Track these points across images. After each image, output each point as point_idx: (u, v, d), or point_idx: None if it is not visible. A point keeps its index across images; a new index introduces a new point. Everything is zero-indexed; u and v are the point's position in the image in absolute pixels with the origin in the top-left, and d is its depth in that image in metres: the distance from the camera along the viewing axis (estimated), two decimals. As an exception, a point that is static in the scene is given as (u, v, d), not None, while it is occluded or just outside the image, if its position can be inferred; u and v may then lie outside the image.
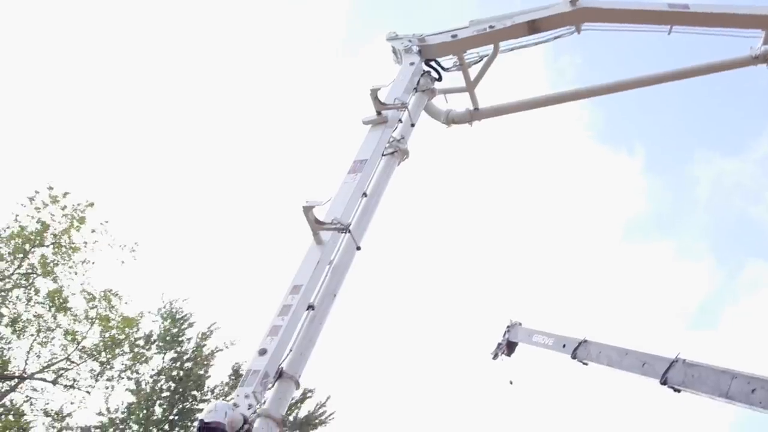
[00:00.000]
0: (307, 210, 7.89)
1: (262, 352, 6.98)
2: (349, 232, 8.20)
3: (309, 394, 27.63)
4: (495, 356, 18.15)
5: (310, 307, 7.59)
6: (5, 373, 23.57)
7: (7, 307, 24.00)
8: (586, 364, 13.99)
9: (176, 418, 26.29)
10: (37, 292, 24.17)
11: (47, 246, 24.30)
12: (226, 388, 26.86)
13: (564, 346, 14.81)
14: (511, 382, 17.78)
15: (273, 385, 6.97)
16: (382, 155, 9.39)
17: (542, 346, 16.18)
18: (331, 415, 27.95)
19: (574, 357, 14.25)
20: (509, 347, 17.87)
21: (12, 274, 23.23)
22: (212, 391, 26.71)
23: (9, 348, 23.80)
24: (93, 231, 24.52)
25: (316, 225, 7.98)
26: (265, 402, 6.82)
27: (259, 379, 6.72)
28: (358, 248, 8.34)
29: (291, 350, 7.24)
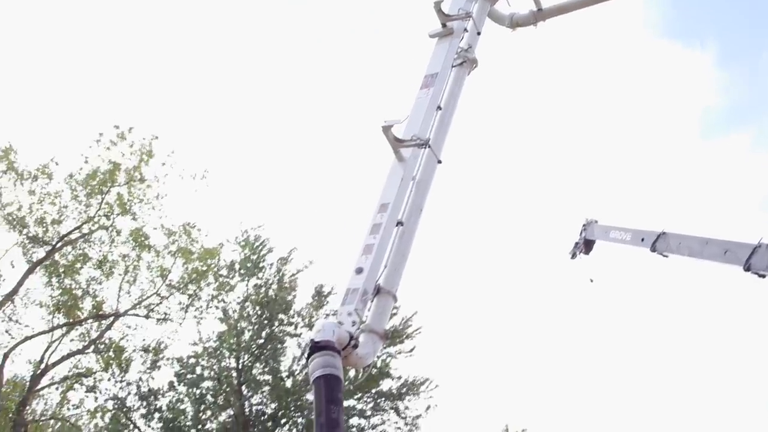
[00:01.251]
0: (386, 129, 8.10)
1: (359, 270, 7.28)
2: (429, 146, 8.39)
3: (395, 310, 28.32)
4: (573, 256, 18.33)
5: (399, 223, 7.83)
6: (100, 312, 24.88)
7: (92, 249, 25.13)
8: (666, 256, 14.05)
9: (265, 341, 27.36)
10: (118, 232, 25.13)
11: (122, 185, 25.07)
12: (311, 309, 27.72)
13: (642, 239, 14.85)
14: (591, 281, 17.97)
15: (372, 301, 7.30)
16: (452, 67, 9.45)
17: (620, 242, 16.24)
18: (417, 329, 28.74)
19: (653, 250, 14.30)
20: (587, 245, 18.00)
21: (93, 216, 24.12)
22: (298, 314, 27.60)
23: (101, 288, 25.00)
24: (162, 164, 25.09)
25: (396, 143, 8.20)
26: (367, 318, 7.18)
27: (358, 296, 7.04)
28: (439, 162, 8.53)
29: (385, 266, 7.54)
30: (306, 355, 6.30)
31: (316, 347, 6.24)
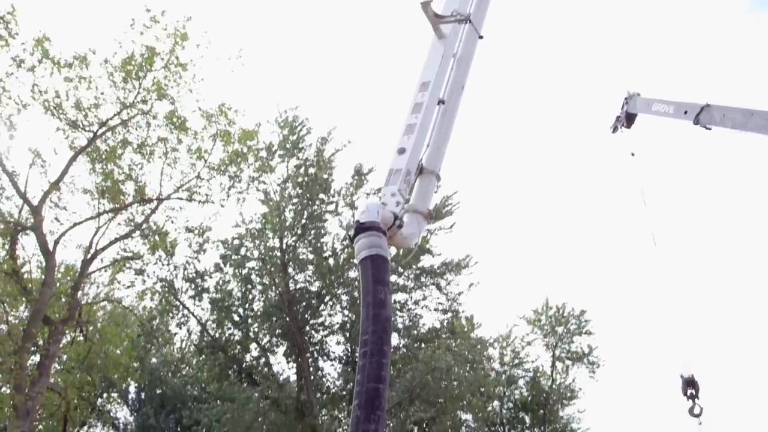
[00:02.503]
0: (425, 5, 7.96)
1: (401, 151, 7.31)
2: (470, 21, 8.23)
3: (435, 189, 28.42)
4: (614, 129, 18.07)
5: (441, 102, 7.80)
6: (144, 197, 25.35)
7: (132, 134, 25.33)
8: (709, 128, 13.80)
9: (307, 221, 27.81)
10: (155, 116, 25.15)
11: (158, 70, 24.94)
12: (351, 189, 27.97)
13: (686, 112, 14.57)
14: (632, 154, 17.78)
15: (416, 182, 7.36)
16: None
17: (662, 115, 15.94)
18: (456, 204, 28.94)
19: (696, 123, 14.05)
20: (628, 119, 17.71)
21: (132, 102, 24.20)
22: (339, 193, 27.87)
23: (143, 173, 25.36)
24: (197, 46, 24.78)
25: (436, 19, 8.06)
26: (410, 198, 7.26)
27: (402, 177, 7.09)
28: (480, 37, 8.38)
29: (428, 146, 7.56)
30: (351, 235, 6.37)
31: (361, 228, 6.33)
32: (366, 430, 5.19)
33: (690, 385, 14.92)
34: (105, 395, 33.61)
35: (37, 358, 24.83)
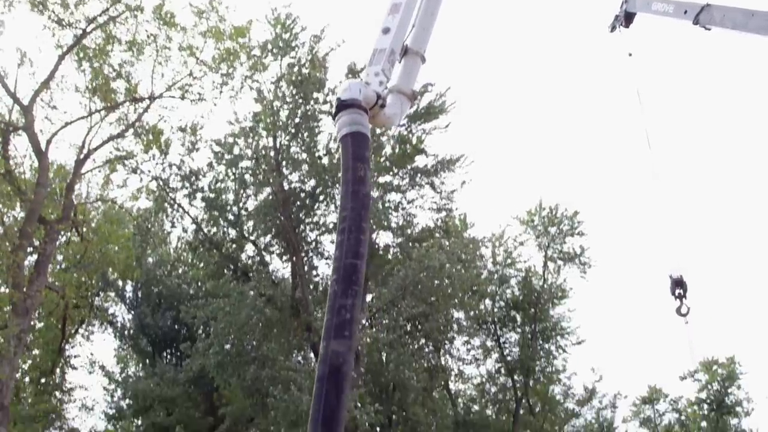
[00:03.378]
0: None
1: (386, 30, 7.07)
2: None
3: (429, 88, 28.08)
4: (612, 29, 17.72)
5: (427, -20, 7.48)
6: (136, 95, 25.03)
7: (120, 30, 24.79)
8: (708, 29, 13.55)
9: (301, 120, 27.52)
10: (142, 10, 24.53)
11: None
12: (346, 85, 27.51)
13: (685, 12, 14.27)
14: (630, 55, 17.50)
15: (400, 62, 7.14)
16: None
17: (662, 14, 15.60)
18: (452, 104, 28.58)
19: (695, 23, 13.77)
20: (627, 18, 17.35)
21: (118, -3, 23.58)
22: (332, 92, 27.46)
23: (134, 71, 24.96)
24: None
25: None
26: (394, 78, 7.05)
27: (385, 56, 6.87)
28: None
29: (413, 26, 7.31)
30: (333, 114, 6.20)
31: (342, 105, 6.17)
32: (343, 304, 5.15)
33: (678, 285, 15.09)
34: (102, 294, 34.03)
35: (34, 258, 24.96)
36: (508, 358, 37.21)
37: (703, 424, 50.59)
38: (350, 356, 5.04)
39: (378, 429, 28.21)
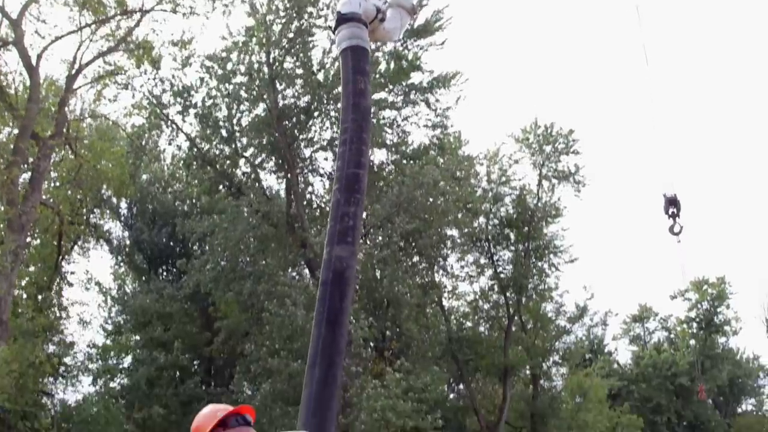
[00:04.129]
0: None
1: (384, -57, 7.12)
2: None
3: (426, 0, 27.86)
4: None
5: None
6: (126, 9, 24.74)
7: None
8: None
9: (295, 35, 27.28)
10: None
11: None
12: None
13: None
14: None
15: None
16: None
17: None
18: (448, 21, 28.39)
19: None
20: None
21: None
22: (327, 6, 27.16)
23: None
24: None
25: None
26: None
27: (385, -31, 6.94)
28: None
29: (413, -61, 7.35)
30: (332, 28, 6.33)
31: (342, 19, 6.29)
32: (346, 212, 5.41)
33: (672, 203, 15.37)
34: (97, 211, 34.25)
35: (28, 176, 25.11)
36: (501, 275, 37.81)
37: (692, 342, 51.86)
38: (353, 261, 5.34)
39: (372, 344, 28.91)
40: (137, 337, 31.89)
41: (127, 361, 31.46)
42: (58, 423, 26.53)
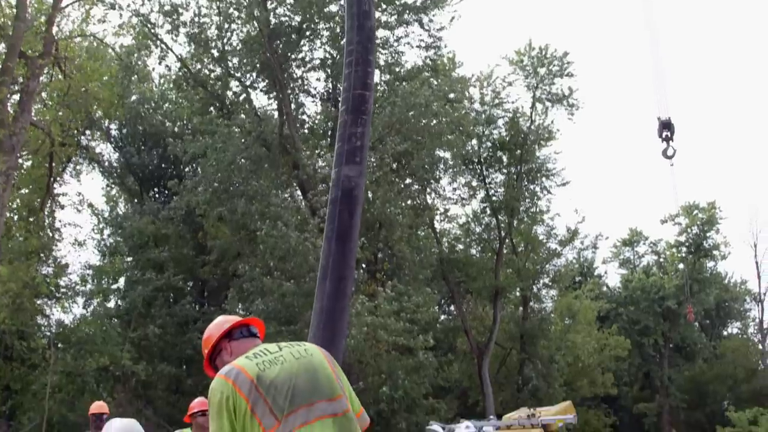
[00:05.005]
0: None
1: None
2: None
3: None
4: None
5: None
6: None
7: None
8: None
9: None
10: None
11: None
12: None
13: None
14: None
15: None
16: None
17: None
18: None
19: None
20: None
21: None
22: None
23: None
24: None
25: None
26: None
27: None
28: None
29: None
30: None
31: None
32: (353, 132, 5.65)
33: (666, 127, 15.60)
34: (88, 133, 34.16)
35: (17, 97, 24.98)
36: (494, 198, 38.20)
37: (681, 266, 52.61)
38: (362, 180, 5.61)
39: (364, 265, 29.35)
40: (130, 259, 32.27)
41: (122, 282, 31.91)
42: (55, 343, 27.02)
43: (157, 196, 35.36)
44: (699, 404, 50.72)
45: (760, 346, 56.91)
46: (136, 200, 34.81)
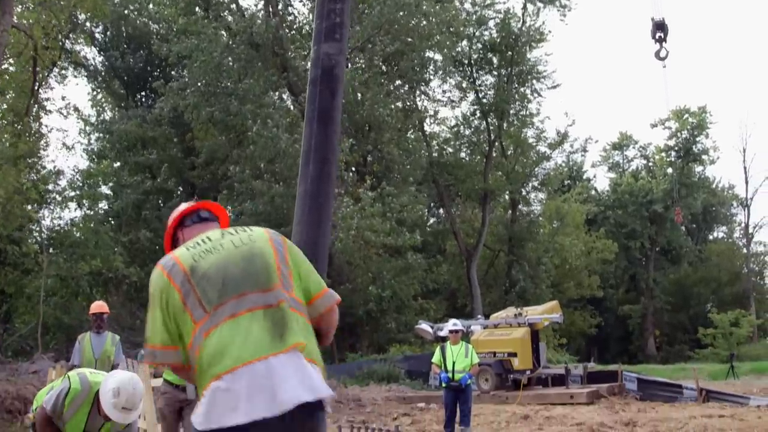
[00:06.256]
0: None
1: None
2: None
3: None
4: None
5: None
6: None
7: None
8: None
9: None
10: None
11: None
12: None
13: None
14: None
15: None
16: None
17: None
18: None
19: None
20: None
21: None
22: None
23: None
24: None
25: None
26: None
27: None
28: None
29: None
30: None
31: None
32: (332, 9, 5.56)
33: (659, 28, 15.36)
34: (72, 36, 33.49)
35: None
36: (483, 100, 37.94)
37: (669, 170, 52.75)
38: (342, 58, 5.52)
39: (353, 167, 29.41)
40: (118, 164, 32.15)
41: (111, 187, 31.86)
42: (47, 247, 27.14)
43: (143, 99, 34.97)
44: (683, 306, 51.61)
45: (745, 251, 57.60)
46: (122, 104, 34.42)
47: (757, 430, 12.45)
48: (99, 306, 9.90)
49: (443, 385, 11.80)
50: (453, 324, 12.60)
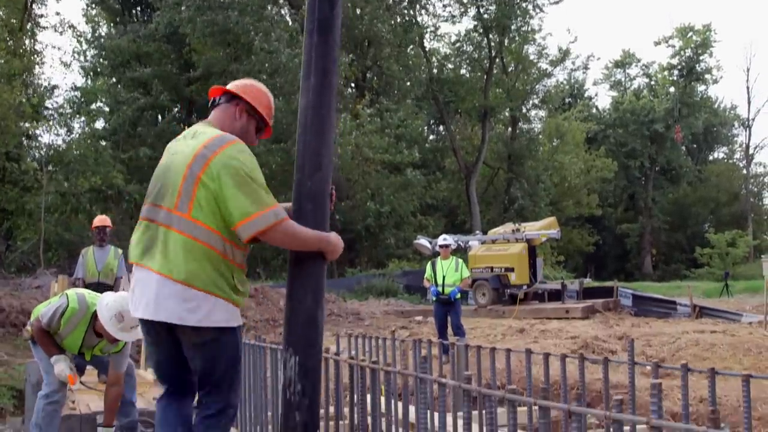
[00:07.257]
0: None
1: None
2: None
3: None
4: None
5: None
6: None
7: None
8: None
9: None
10: None
11: None
12: None
13: None
14: None
15: None
16: None
17: None
18: None
19: None
20: None
21: None
22: None
23: None
24: None
25: None
26: None
27: None
28: None
29: None
30: None
31: None
32: None
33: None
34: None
35: None
36: (485, 16, 37.36)
37: (671, 89, 52.36)
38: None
39: (353, 84, 29.23)
40: (114, 80, 31.88)
41: (107, 103, 31.66)
42: (46, 164, 27.16)
43: (139, 15, 34.42)
44: (680, 226, 52.00)
45: (745, 171, 57.69)
46: (118, 20, 33.90)
47: (748, 345, 12.77)
48: (102, 219, 10.04)
49: (434, 298, 12.11)
50: (443, 239, 12.85)
